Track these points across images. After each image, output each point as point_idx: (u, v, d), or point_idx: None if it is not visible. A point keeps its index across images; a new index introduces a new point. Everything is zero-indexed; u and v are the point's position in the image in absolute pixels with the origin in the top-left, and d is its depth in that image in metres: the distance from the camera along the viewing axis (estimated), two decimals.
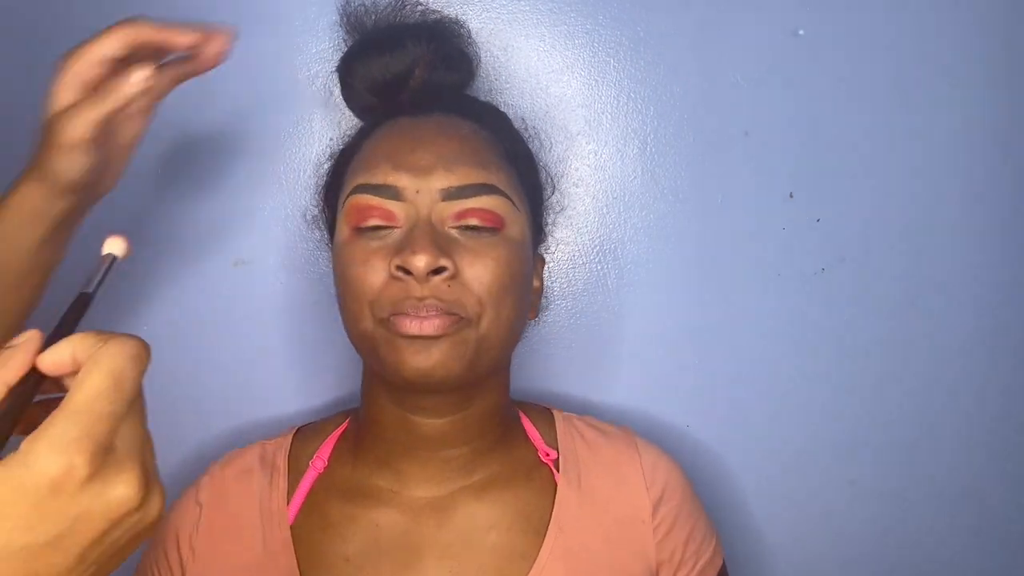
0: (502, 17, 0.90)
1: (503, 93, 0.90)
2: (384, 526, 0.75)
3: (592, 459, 0.80)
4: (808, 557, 0.98)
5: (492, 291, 0.70)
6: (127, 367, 0.41)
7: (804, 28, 0.91)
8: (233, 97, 0.90)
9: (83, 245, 0.64)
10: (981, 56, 0.93)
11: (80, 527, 0.39)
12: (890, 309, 0.95)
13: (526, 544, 0.74)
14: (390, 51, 0.78)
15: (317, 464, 0.79)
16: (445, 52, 0.80)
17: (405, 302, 0.68)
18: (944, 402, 0.97)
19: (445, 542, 0.74)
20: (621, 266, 0.94)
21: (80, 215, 0.70)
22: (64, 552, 0.39)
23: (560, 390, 0.95)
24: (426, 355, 0.68)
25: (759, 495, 0.97)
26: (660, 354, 0.95)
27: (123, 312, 0.92)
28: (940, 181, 0.94)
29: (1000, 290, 0.96)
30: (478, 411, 0.75)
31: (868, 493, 0.97)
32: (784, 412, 0.96)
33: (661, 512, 0.78)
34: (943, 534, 0.98)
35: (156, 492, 0.42)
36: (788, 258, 0.94)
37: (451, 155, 0.72)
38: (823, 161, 0.93)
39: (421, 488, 0.76)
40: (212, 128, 0.90)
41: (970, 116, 0.93)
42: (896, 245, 0.94)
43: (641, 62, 0.91)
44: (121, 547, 0.42)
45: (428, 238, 0.68)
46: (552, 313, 0.94)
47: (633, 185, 0.93)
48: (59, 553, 0.39)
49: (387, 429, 0.76)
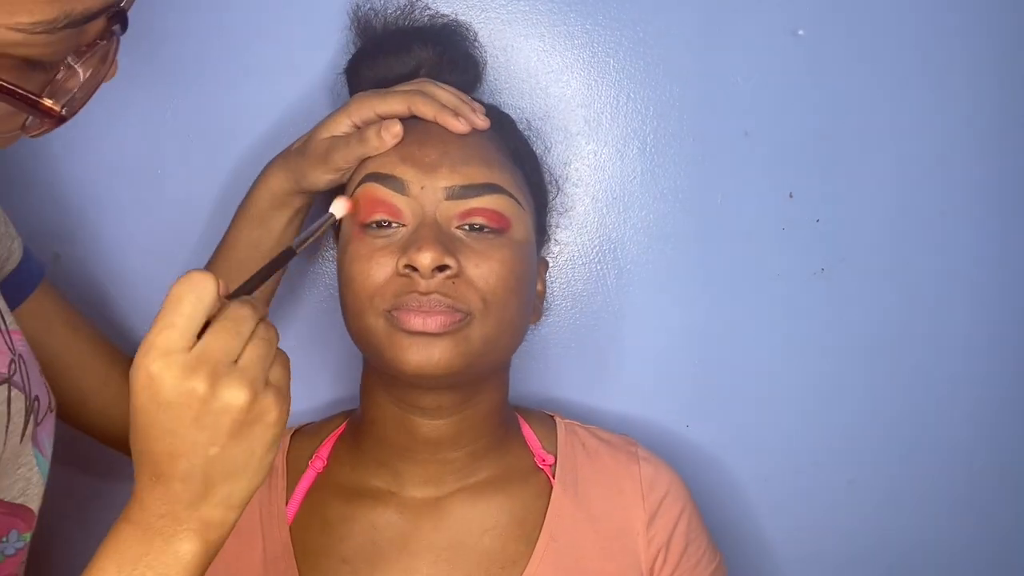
0: (501, 17, 0.90)
1: (503, 94, 0.91)
2: (381, 527, 0.75)
3: (591, 467, 0.80)
4: (807, 556, 0.98)
5: (496, 291, 0.70)
6: (246, 316, 0.53)
7: (804, 28, 0.91)
8: (243, 99, 0.90)
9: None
10: (981, 56, 0.93)
11: (214, 423, 0.51)
12: (890, 309, 0.96)
13: (518, 550, 0.75)
14: (396, 54, 0.79)
15: (316, 464, 0.79)
16: (450, 55, 0.81)
17: (409, 296, 0.68)
18: (943, 402, 0.97)
19: (440, 544, 0.75)
20: (621, 266, 0.94)
21: (308, 209, 0.82)
22: (214, 443, 0.52)
23: (559, 390, 0.95)
24: (428, 352, 0.68)
25: (758, 494, 0.97)
26: (660, 354, 0.96)
27: (124, 312, 0.93)
28: (941, 180, 0.94)
29: (1000, 290, 0.96)
30: (477, 412, 0.76)
31: (867, 492, 0.98)
32: (783, 412, 0.96)
33: (656, 524, 0.78)
34: (942, 533, 0.99)
35: (270, 399, 0.53)
36: (788, 258, 0.94)
37: (456, 154, 0.72)
38: (823, 161, 0.93)
39: (419, 489, 0.76)
40: (221, 129, 0.91)
41: (970, 115, 0.94)
42: (896, 245, 0.95)
43: (641, 62, 0.91)
44: (263, 446, 0.53)
45: (433, 236, 0.69)
46: (552, 313, 0.95)
47: (633, 185, 0.93)
48: (213, 445, 0.52)
49: (386, 429, 0.76)
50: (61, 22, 0.50)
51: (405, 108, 0.74)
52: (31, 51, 0.50)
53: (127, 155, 0.91)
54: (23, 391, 0.64)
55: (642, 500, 0.78)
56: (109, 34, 0.55)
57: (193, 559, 0.52)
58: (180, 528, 0.52)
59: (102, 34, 0.55)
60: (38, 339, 0.72)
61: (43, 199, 0.90)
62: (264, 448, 0.53)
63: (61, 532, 0.85)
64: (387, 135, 0.72)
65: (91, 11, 0.51)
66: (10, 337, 0.66)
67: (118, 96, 0.86)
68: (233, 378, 0.51)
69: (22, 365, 0.66)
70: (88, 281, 0.92)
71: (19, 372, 0.65)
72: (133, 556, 0.52)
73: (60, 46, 0.52)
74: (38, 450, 0.67)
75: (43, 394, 0.68)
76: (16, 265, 0.76)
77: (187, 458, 0.51)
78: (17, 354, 0.66)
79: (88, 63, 0.55)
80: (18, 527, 0.66)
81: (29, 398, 0.65)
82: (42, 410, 0.67)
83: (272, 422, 0.53)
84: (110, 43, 0.56)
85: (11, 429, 0.63)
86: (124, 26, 0.56)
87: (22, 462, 0.65)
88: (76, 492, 0.92)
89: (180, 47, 0.89)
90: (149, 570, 0.51)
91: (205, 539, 0.53)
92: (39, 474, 0.67)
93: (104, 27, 0.55)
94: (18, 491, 0.65)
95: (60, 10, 0.49)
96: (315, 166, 0.76)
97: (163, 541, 0.52)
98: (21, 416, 0.64)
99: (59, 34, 0.50)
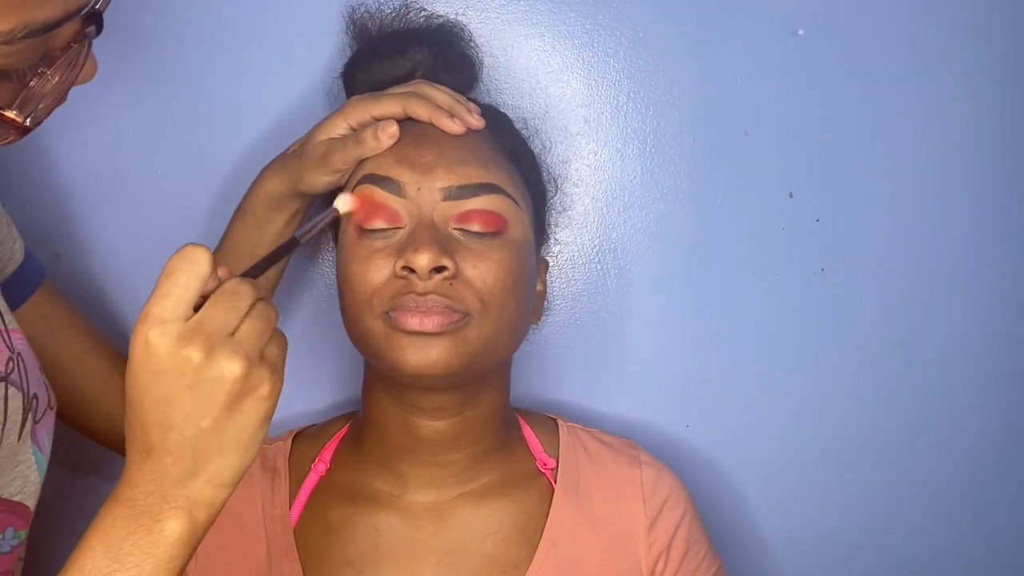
0: (501, 17, 0.90)
1: (503, 93, 0.91)
2: (384, 531, 0.75)
3: (592, 471, 0.80)
4: (806, 555, 0.99)
5: (494, 292, 0.70)
6: (245, 292, 0.54)
7: (804, 28, 0.92)
8: (240, 103, 0.90)
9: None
10: (982, 55, 0.93)
11: (208, 392, 0.51)
12: (890, 309, 0.96)
13: (520, 554, 0.75)
14: (391, 56, 0.80)
15: (319, 467, 0.79)
16: (446, 56, 0.81)
17: (406, 297, 0.68)
18: (944, 401, 0.98)
19: (442, 549, 0.75)
20: (621, 266, 0.94)
21: (305, 212, 0.82)
22: (207, 415, 0.52)
23: (559, 391, 0.96)
24: (426, 352, 0.68)
25: (759, 494, 0.98)
26: (660, 354, 0.96)
27: (122, 312, 0.93)
28: (941, 180, 0.95)
29: (1001, 289, 0.97)
30: (478, 413, 0.76)
31: (866, 493, 0.98)
32: (783, 412, 0.97)
33: (657, 528, 0.78)
34: (942, 533, 0.99)
35: (264, 374, 0.53)
36: (788, 258, 0.95)
37: (452, 154, 0.72)
38: (823, 161, 0.94)
39: (421, 492, 0.76)
40: (219, 132, 0.91)
41: (970, 115, 0.94)
42: (896, 245, 0.95)
43: (641, 62, 0.91)
44: (255, 421, 0.53)
45: (430, 237, 0.69)
46: (552, 313, 0.95)
47: (633, 185, 0.93)
48: (206, 417, 0.52)
49: (388, 431, 0.76)
50: (20, 32, 0.48)
51: (400, 110, 0.74)
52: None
53: (125, 156, 0.91)
54: (20, 389, 0.65)
55: (643, 504, 0.78)
56: (82, 37, 0.55)
57: (180, 538, 0.52)
58: (167, 506, 0.52)
59: (75, 37, 0.54)
60: (38, 340, 0.72)
61: (42, 200, 0.90)
62: (256, 423, 0.53)
63: (61, 530, 0.84)
64: (384, 135, 0.72)
65: (52, 20, 0.50)
66: (9, 336, 0.66)
67: (116, 97, 0.87)
68: (228, 349, 0.51)
69: (20, 363, 0.66)
70: (86, 281, 0.92)
71: (17, 370, 0.65)
72: (120, 535, 0.52)
73: (24, 55, 0.51)
74: (37, 448, 0.67)
75: (42, 392, 0.68)
76: (17, 266, 0.76)
77: (178, 430, 0.51)
78: (16, 352, 0.66)
79: (58, 69, 0.54)
80: (15, 524, 0.66)
81: (27, 396, 0.65)
82: (41, 408, 0.68)
83: (264, 395, 0.53)
84: (81, 46, 0.55)
85: (8, 427, 0.63)
86: (99, 28, 0.56)
87: (20, 460, 0.65)
88: (76, 490, 0.92)
89: (177, 50, 0.90)
90: (136, 548, 0.51)
91: (193, 518, 0.53)
92: (37, 472, 0.67)
93: (78, 30, 0.54)
94: (15, 488, 0.65)
95: (18, 20, 0.48)
96: (313, 168, 0.76)
97: (150, 519, 0.52)
98: (19, 414, 0.64)
99: (19, 44, 0.49)
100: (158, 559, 0.52)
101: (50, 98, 0.55)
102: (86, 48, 0.55)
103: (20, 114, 0.53)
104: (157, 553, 0.52)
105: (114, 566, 0.51)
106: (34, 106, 0.54)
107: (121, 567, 0.51)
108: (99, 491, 0.91)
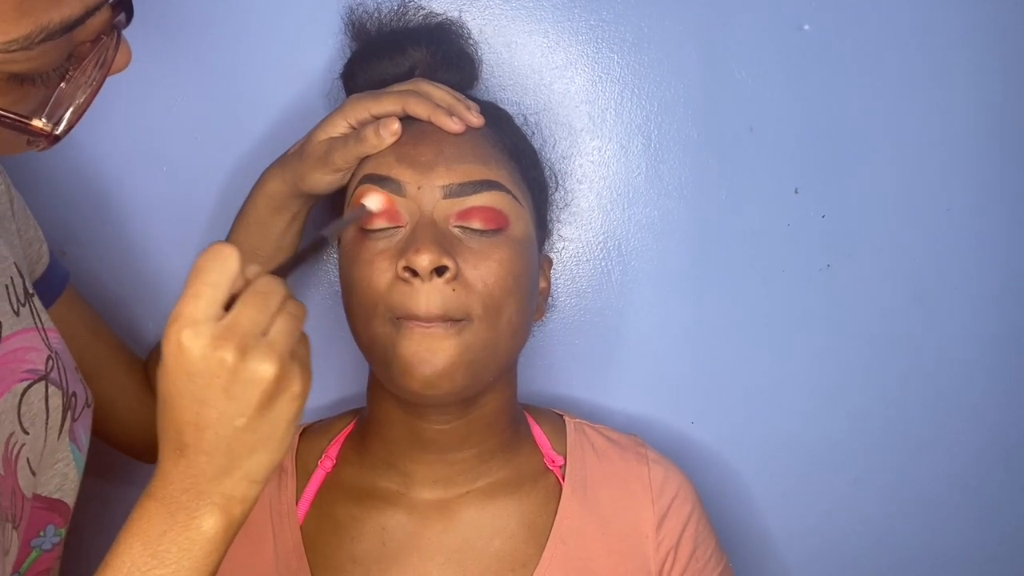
0: (505, 14, 0.91)
1: (506, 90, 0.92)
2: (390, 528, 0.77)
3: (600, 469, 0.81)
4: (811, 553, 1.00)
5: (496, 293, 0.71)
6: (275, 290, 0.55)
7: (809, 23, 0.92)
8: (239, 103, 0.92)
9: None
10: (987, 51, 0.94)
11: (242, 393, 0.52)
12: (895, 305, 0.97)
13: (528, 552, 0.77)
14: (390, 55, 0.81)
15: (326, 464, 0.80)
16: (445, 54, 0.82)
17: (411, 308, 0.69)
18: (949, 399, 0.99)
19: (450, 547, 0.76)
20: (625, 263, 0.95)
21: (307, 213, 0.83)
22: (241, 414, 0.53)
23: (564, 387, 0.97)
24: (431, 365, 0.69)
25: (763, 491, 0.99)
26: (665, 350, 0.97)
27: (129, 313, 0.93)
28: (947, 177, 0.96)
29: (1007, 287, 0.98)
30: (484, 414, 0.77)
31: (872, 490, 1.00)
32: (788, 408, 0.98)
33: (666, 527, 0.79)
34: (947, 531, 1.00)
35: (295, 372, 0.54)
36: (793, 254, 0.95)
37: (452, 152, 0.73)
38: (828, 157, 0.95)
39: (427, 490, 0.78)
40: (218, 133, 0.92)
41: (976, 111, 0.95)
42: (902, 241, 0.96)
43: (645, 58, 0.92)
44: (287, 419, 0.54)
45: (431, 237, 0.70)
46: (556, 310, 0.96)
47: (637, 181, 0.94)
48: (240, 416, 0.53)
49: (392, 431, 0.77)
50: (37, 36, 0.48)
51: (399, 108, 0.75)
52: (14, 67, 0.49)
53: (129, 157, 0.93)
54: (60, 387, 0.66)
55: (652, 503, 0.79)
56: (111, 28, 0.54)
57: (217, 534, 0.54)
58: (203, 503, 0.53)
59: (104, 28, 0.53)
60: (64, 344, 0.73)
61: (48, 199, 0.91)
62: (287, 421, 0.55)
63: (98, 529, 0.85)
64: (385, 132, 0.73)
65: (71, 19, 0.49)
66: (47, 335, 0.67)
67: (120, 98, 0.88)
68: (262, 350, 0.52)
69: (59, 362, 0.67)
70: (92, 280, 0.93)
71: (56, 369, 0.66)
72: (157, 532, 0.53)
73: (47, 58, 0.50)
74: (75, 445, 0.69)
75: (80, 390, 0.69)
76: (45, 268, 0.77)
77: (213, 429, 0.53)
78: (54, 351, 0.66)
79: (88, 66, 0.53)
80: (55, 522, 0.68)
81: (67, 394, 0.67)
82: (79, 406, 0.69)
83: (296, 394, 0.55)
84: (111, 38, 0.54)
85: (50, 426, 0.64)
86: (129, 15, 0.55)
87: (59, 457, 0.67)
88: (109, 490, 0.92)
89: (179, 51, 0.91)
90: (173, 545, 0.53)
91: (229, 514, 0.54)
92: (75, 469, 0.69)
93: (106, 20, 0.53)
94: (55, 486, 0.67)
95: (33, 25, 0.47)
96: (315, 168, 0.77)
97: (186, 516, 0.53)
98: (59, 413, 0.66)
99: (39, 48, 0.48)
100: (195, 556, 0.53)
101: (81, 98, 0.54)
102: (115, 39, 0.54)
103: (48, 122, 0.53)
104: (195, 550, 0.53)
105: (153, 562, 0.53)
106: (64, 110, 0.53)
107: (160, 564, 0.53)
108: (113, 494, 0.93)
